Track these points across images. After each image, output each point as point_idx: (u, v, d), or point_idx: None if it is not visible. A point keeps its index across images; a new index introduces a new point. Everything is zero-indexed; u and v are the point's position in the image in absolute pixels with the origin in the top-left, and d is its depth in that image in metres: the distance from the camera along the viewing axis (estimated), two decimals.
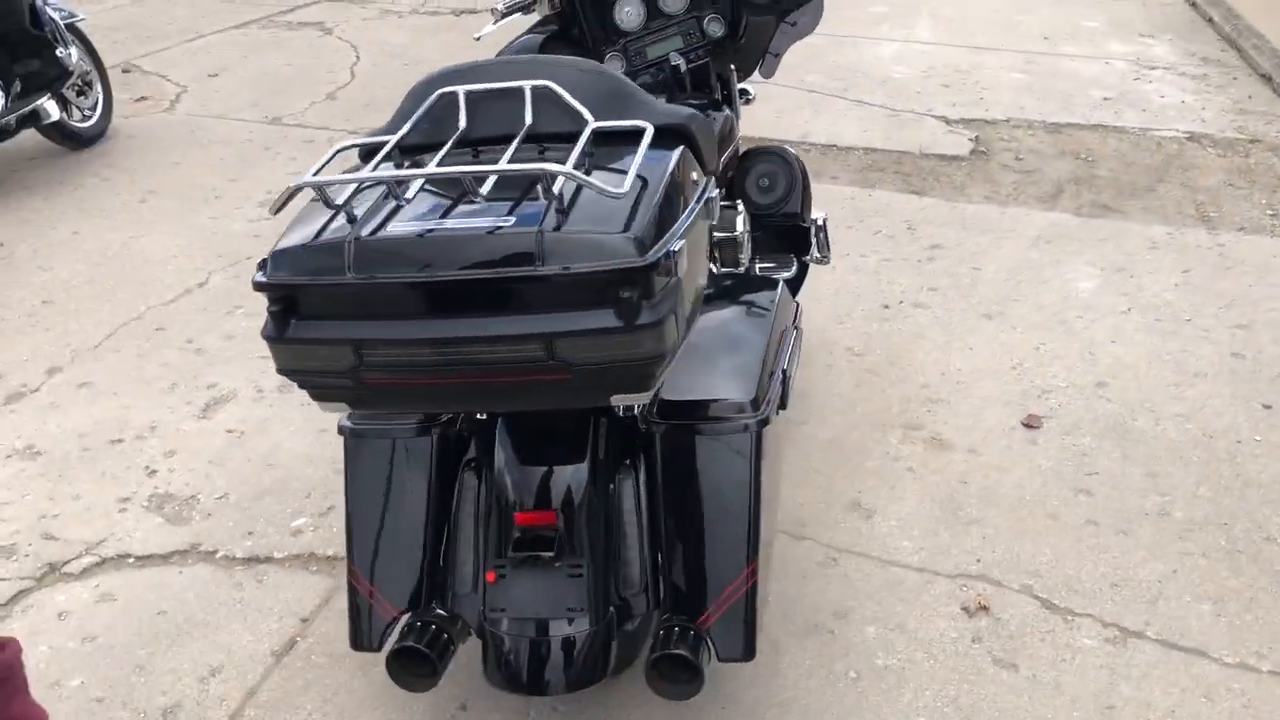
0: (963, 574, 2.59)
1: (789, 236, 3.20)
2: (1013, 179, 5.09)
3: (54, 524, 2.76)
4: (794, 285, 3.32)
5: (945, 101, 6.11)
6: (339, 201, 1.65)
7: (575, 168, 1.63)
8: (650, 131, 1.73)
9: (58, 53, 4.81)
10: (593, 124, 1.73)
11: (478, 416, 2.05)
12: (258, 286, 1.62)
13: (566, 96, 1.76)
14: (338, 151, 1.80)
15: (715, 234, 2.83)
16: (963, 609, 2.48)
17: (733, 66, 3.18)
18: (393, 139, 1.80)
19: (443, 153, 1.75)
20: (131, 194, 4.88)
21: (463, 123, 1.79)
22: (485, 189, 1.62)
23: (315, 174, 1.66)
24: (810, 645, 2.38)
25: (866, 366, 3.48)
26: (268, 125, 5.69)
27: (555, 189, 1.58)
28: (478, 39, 2.98)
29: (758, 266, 3.19)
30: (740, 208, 2.90)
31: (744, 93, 3.30)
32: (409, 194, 1.64)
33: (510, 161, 1.68)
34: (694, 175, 1.81)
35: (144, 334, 3.69)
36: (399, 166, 1.80)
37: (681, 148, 1.82)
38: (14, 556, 2.65)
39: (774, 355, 2.10)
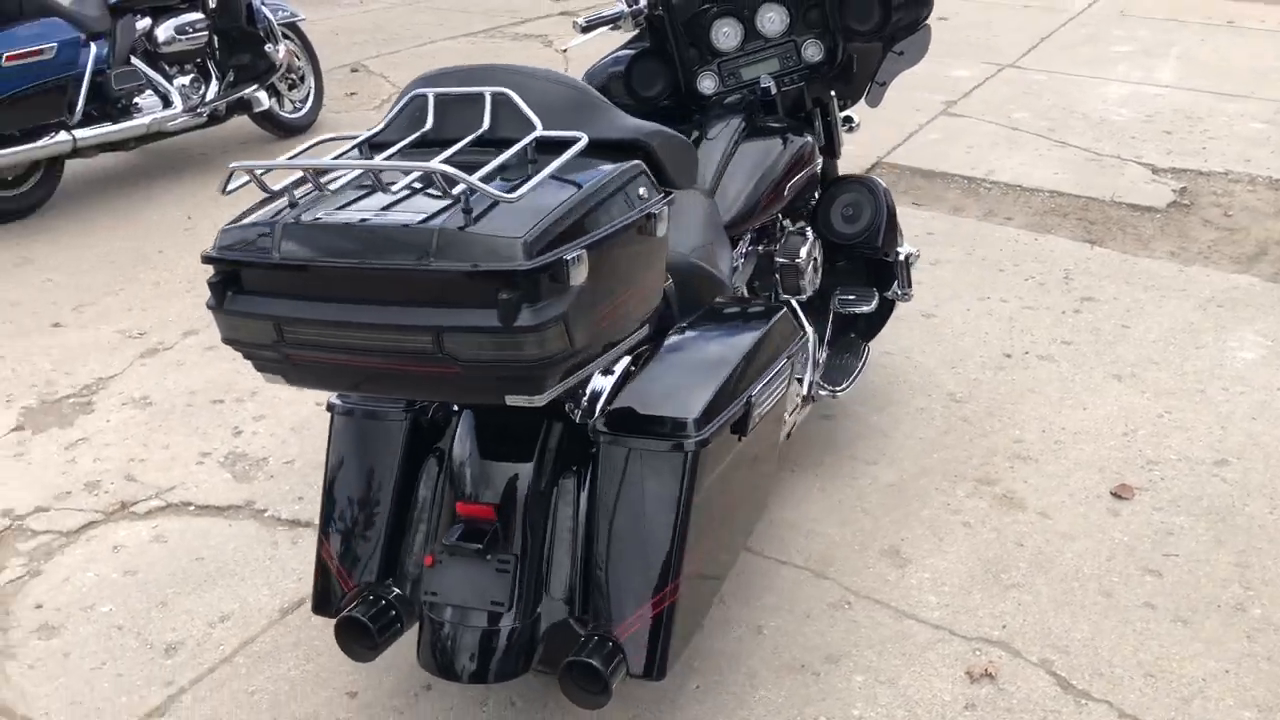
0: (981, 637, 2.42)
1: (872, 270, 3.09)
2: (1210, 236, 4.69)
3: (138, 468, 3.03)
4: (875, 321, 3.20)
5: (1159, 149, 5.69)
6: (296, 189, 1.75)
7: (498, 170, 1.67)
8: (582, 143, 1.75)
9: (266, 48, 5.25)
10: (536, 133, 1.76)
11: (453, 407, 2.10)
12: (204, 259, 1.74)
13: (521, 105, 1.78)
14: (317, 143, 1.91)
15: (778, 259, 2.77)
16: (966, 673, 2.32)
17: (833, 93, 3.11)
18: (362, 135, 1.89)
19: (394, 149, 1.81)
20: None
21: (428, 124, 1.86)
22: (400, 185, 1.68)
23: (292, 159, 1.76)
24: (789, 683, 2.30)
25: (962, 414, 3.31)
26: None
27: (455, 190, 1.62)
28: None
29: (837, 298, 3.10)
30: (808, 234, 2.83)
31: (847, 120, 3.21)
32: (332, 184, 1.73)
33: (445, 162, 1.73)
34: (642, 191, 1.79)
35: None
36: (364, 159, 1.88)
37: (633, 163, 1.81)
38: (95, 491, 2.93)
39: (739, 380, 2.04)
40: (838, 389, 2.93)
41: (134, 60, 4.92)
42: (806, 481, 2.99)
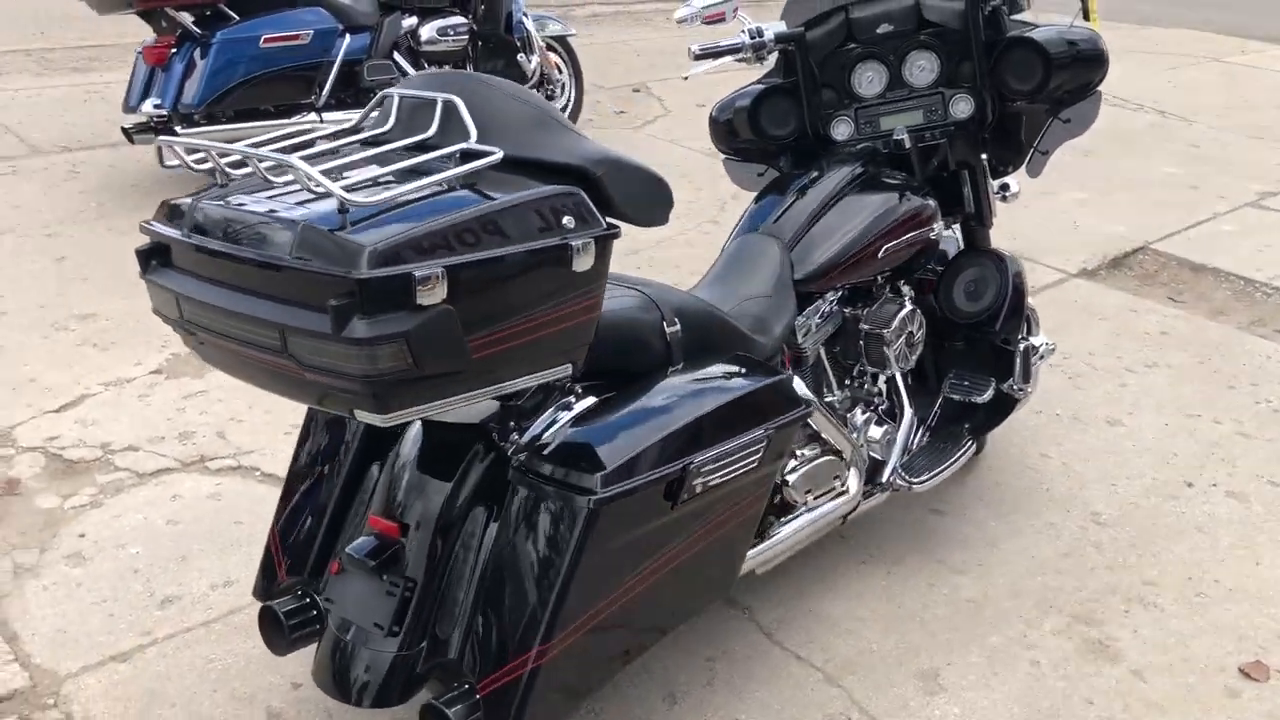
0: None
1: (993, 357, 2.71)
2: None
3: (233, 427, 3.15)
4: (991, 416, 2.81)
5: None
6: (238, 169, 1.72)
7: (403, 175, 1.57)
8: (494, 158, 1.61)
9: (519, 57, 5.41)
10: (461, 144, 1.64)
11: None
12: (140, 227, 1.76)
13: (464, 114, 1.67)
14: (293, 130, 1.86)
15: (863, 325, 2.50)
16: None
17: (984, 156, 2.76)
18: (328, 127, 1.83)
19: (340, 142, 1.75)
20: None
21: (389, 124, 1.78)
22: (285, 178, 1.61)
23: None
24: None
25: (1096, 539, 2.84)
26: (704, 155, 5.92)
27: (314, 186, 1.52)
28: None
29: (949, 382, 2.75)
30: (906, 303, 2.53)
31: (1004, 188, 2.85)
32: (237, 170, 1.68)
33: (378, 162, 1.65)
34: (567, 220, 1.62)
35: None
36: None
37: (565, 189, 1.65)
38: (186, 441, 3.07)
39: (679, 442, 1.82)
40: (915, 481, 2.59)
41: (396, 56, 5.21)
42: (873, 576, 2.66)
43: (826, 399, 2.55)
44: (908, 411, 2.69)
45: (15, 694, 2.20)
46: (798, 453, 2.34)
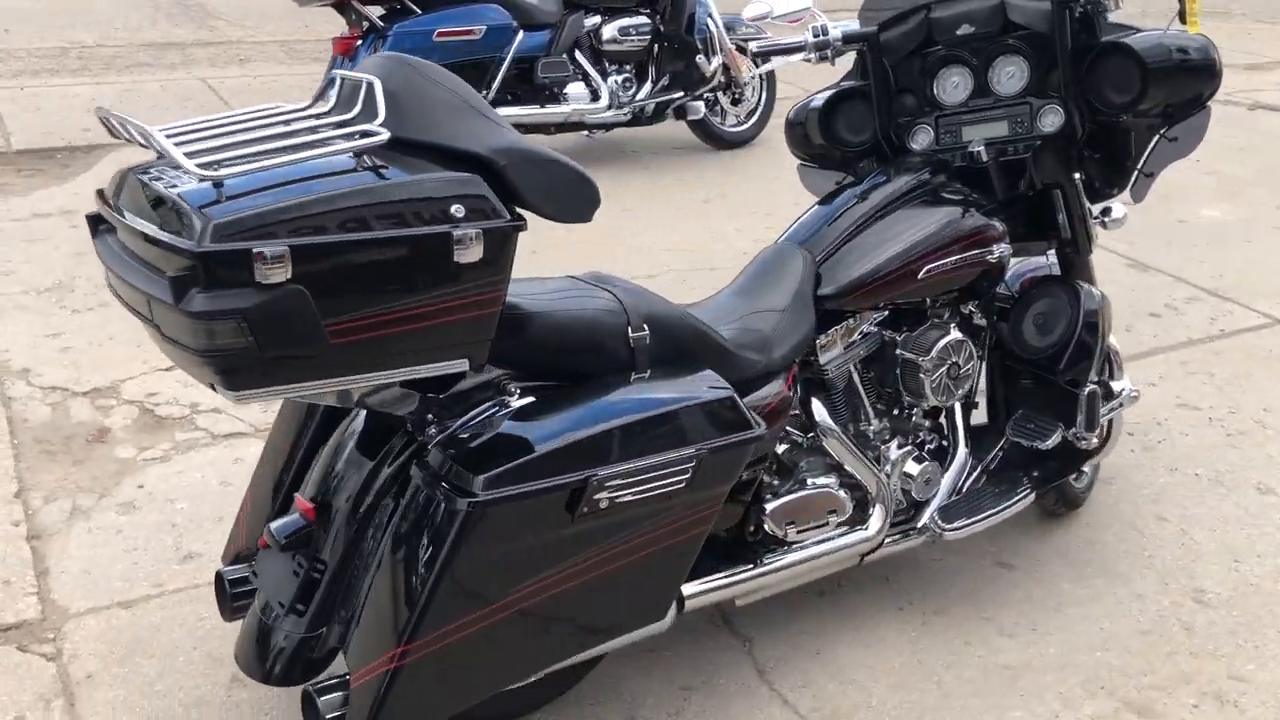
0: None
1: (1062, 399, 2.40)
2: None
3: None
4: (1057, 465, 2.49)
5: None
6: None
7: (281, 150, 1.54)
8: (379, 138, 1.55)
9: (699, 59, 5.32)
10: (363, 126, 1.59)
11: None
12: (96, 193, 1.80)
13: (378, 95, 1.62)
14: (263, 108, 1.86)
15: (900, 351, 2.29)
16: None
17: (1078, 176, 2.46)
18: (287, 107, 1.82)
19: (270, 119, 1.72)
20: (706, 194, 5.27)
21: (329, 103, 1.75)
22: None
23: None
24: None
25: (1190, 620, 2.47)
26: None
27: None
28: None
29: (1014, 422, 2.46)
30: (952, 331, 2.29)
31: (1105, 212, 2.53)
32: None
33: (297, 135, 1.62)
34: (455, 208, 1.53)
35: None
36: None
37: (460, 176, 1.56)
38: (268, 410, 3.19)
39: (578, 454, 1.70)
40: (945, 527, 2.33)
41: (577, 54, 5.26)
42: (905, 625, 2.41)
43: (860, 427, 2.34)
44: (961, 450, 2.43)
45: (23, 624, 2.33)
46: (790, 481, 2.16)
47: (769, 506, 2.10)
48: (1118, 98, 2.32)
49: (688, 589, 2.03)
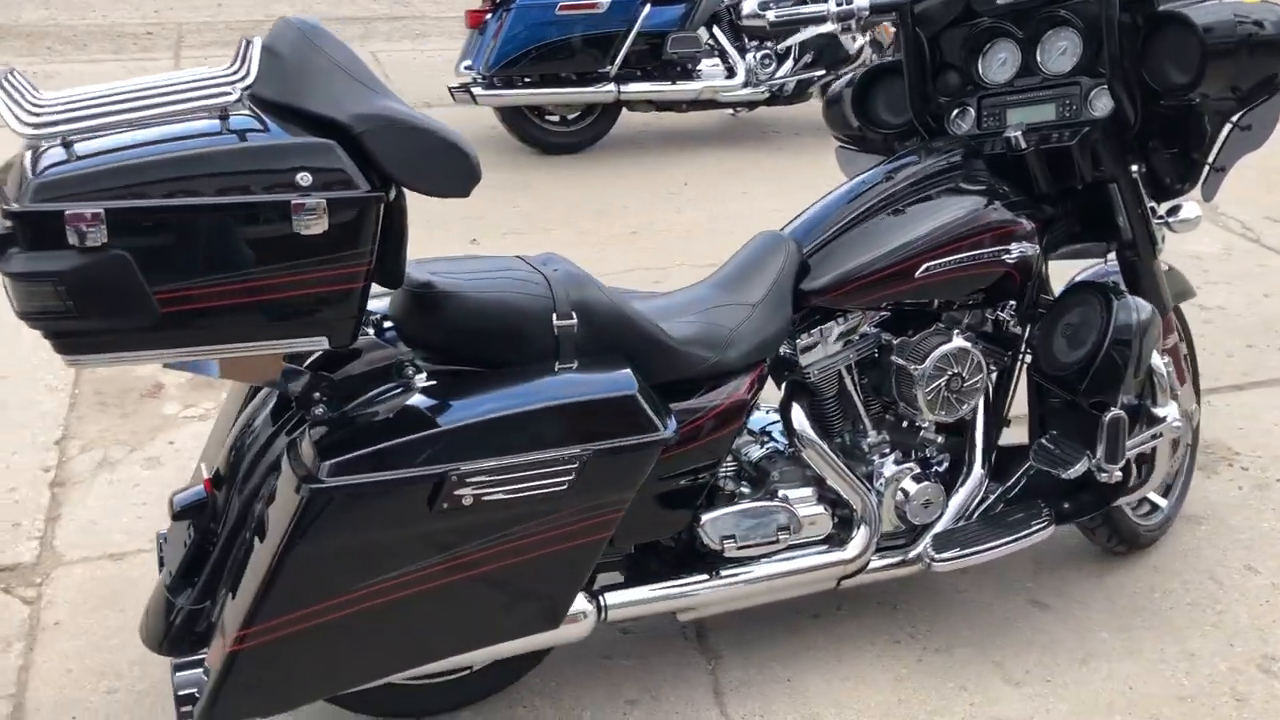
0: None
1: (1087, 423, 2.09)
2: None
3: None
4: (1086, 498, 2.19)
5: None
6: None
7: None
8: (230, 97, 1.45)
9: (841, 36, 5.04)
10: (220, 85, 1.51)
11: None
12: None
13: (253, 56, 1.53)
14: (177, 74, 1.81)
15: (893, 358, 2.07)
16: None
17: (1136, 168, 2.13)
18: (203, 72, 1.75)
19: (163, 86, 1.66)
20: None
21: (234, 65, 1.68)
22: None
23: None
24: None
25: (1245, 690, 2.12)
26: None
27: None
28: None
29: (1038, 445, 2.17)
30: (956, 339, 2.04)
31: (1172, 212, 2.19)
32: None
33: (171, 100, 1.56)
34: (303, 176, 1.43)
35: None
36: None
37: (314, 141, 1.45)
38: None
39: (435, 446, 1.57)
40: (936, 557, 2.07)
41: (715, 29, 5.08)
42: (897, 659, 2.17)
43: (853, 438, 2.11)
44: (976, 472, 2.16)
45: (17, 567, 2.41)
46: (761, 491, 1.99)
47: (704, 517, 1.92)
48: (1178, 77, 1.99)
49: (611, 598, 1.88)
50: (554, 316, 1.76)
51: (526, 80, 4.86)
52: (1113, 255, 2.26)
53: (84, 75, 6.17)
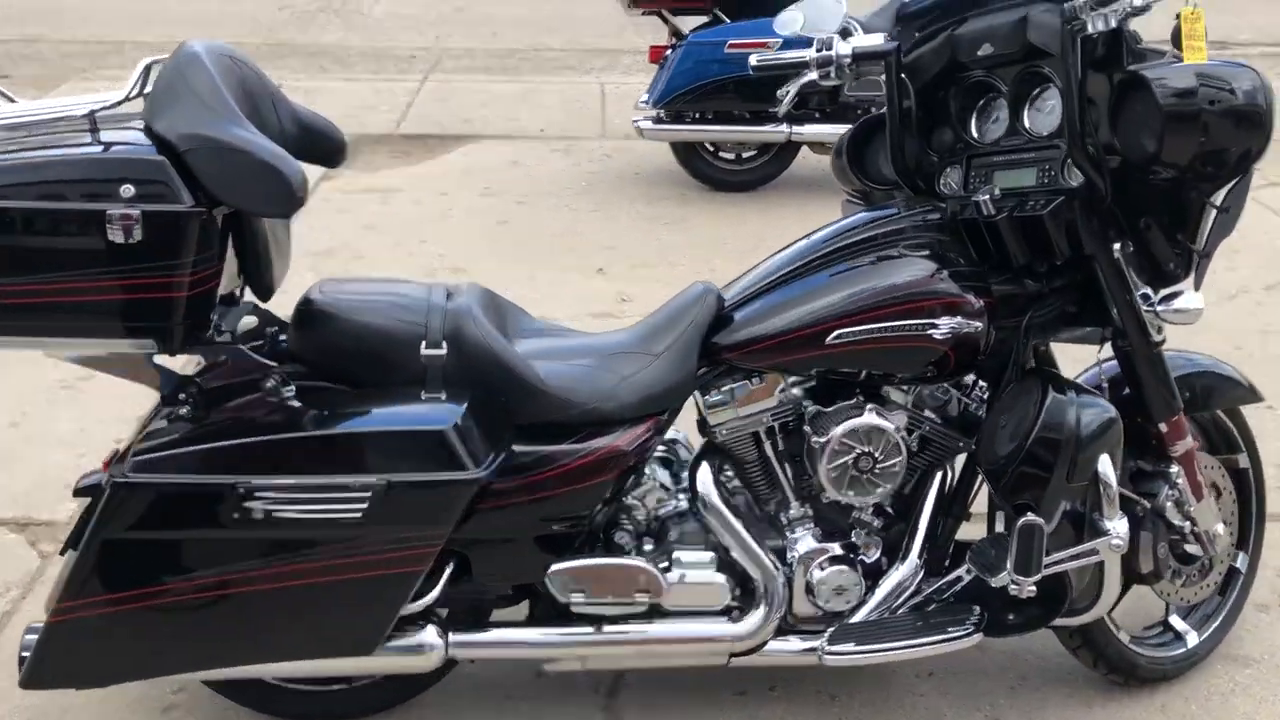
0: None
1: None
2: None
3: None
4: (1021, 613, 1.95)
5: None
6: None
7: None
8: (77, 113, 1.61)
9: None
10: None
11: None
12: None
13: (132, 76, 1.67)
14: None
15: (805, 428, 1.95)
16: None
17: (1120, 246, 1.88)
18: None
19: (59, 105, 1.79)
20: None
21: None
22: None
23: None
24: None
25: None
26: None
27: None
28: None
29: (975, 547, 1.98)
30: (869, 416, 1.90)
31: (1166, 300, 1.92)
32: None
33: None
34: (124, 189, 1.53)
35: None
36: None
37: (148, 159, 1.56)
38: None
39: (241, 460, 1.66)
40: (829, 649, 1.91)
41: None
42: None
43: (769, 508, 1.98)
44: (910, 562, 1.98)
45: (54, 524, 2.66)
46: (629, 548, 1.92)
47: (554, 565, 1.85)
48: (1146, 145, 1.74)
49: (454, 638, 1.86)
50: (423, 345, 1.77)
51: (696, 116, 4.86)
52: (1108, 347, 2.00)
53: (336, 91, 6.72)
